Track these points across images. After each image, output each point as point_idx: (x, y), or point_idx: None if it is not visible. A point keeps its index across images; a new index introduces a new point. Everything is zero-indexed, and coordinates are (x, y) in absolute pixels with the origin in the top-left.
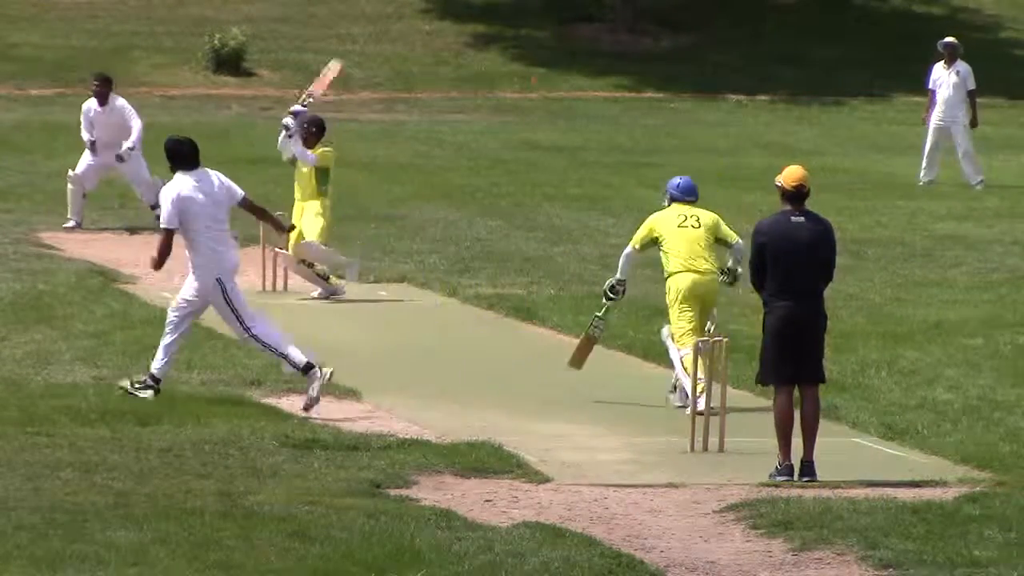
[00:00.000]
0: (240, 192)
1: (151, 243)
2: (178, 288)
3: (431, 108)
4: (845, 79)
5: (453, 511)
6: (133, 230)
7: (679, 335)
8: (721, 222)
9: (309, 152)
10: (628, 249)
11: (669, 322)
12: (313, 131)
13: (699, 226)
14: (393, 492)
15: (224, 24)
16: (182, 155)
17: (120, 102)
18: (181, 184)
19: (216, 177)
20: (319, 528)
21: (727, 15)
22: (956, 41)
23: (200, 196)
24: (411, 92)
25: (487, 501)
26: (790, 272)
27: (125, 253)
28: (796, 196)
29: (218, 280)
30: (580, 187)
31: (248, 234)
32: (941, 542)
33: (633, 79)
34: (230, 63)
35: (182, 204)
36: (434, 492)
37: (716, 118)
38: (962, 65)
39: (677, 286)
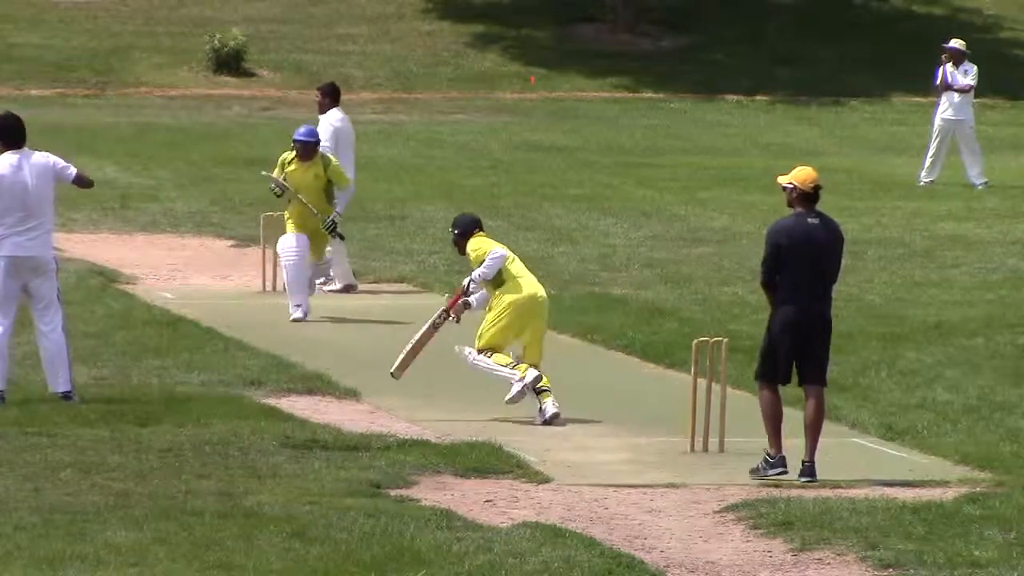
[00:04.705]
0: (71, 172)
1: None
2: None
3: (431, 108)
4: (845, 79)
5: (453, 511)
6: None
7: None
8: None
9: None
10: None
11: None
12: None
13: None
14: (393, 492)
15: (224, 24)
16: (8, 131)
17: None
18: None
19: (39, 161)
20: (319, 528)
21: (727, 15)
22: (962, 48)
23: (7, 176)
24: (411, 92)
25: (487, 501)
26: (807, 274)
27: (125, 253)
28: (813, 197)
29: None
30: (580, 187)
31: (248, 234)
32: (941, 542)
33: (633, 79)
34: (230, 63)
35: None
36: (434, 492)
37: (716, 118)
38: (970, 66)
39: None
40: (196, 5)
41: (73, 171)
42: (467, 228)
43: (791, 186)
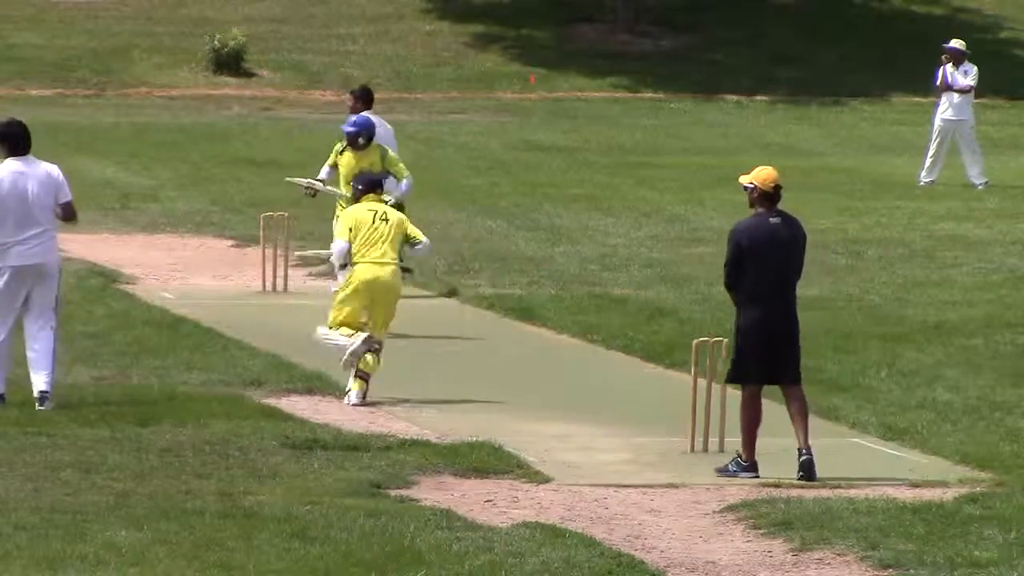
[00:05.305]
0: (67, 198)
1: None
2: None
3: (431, 108)
4: (845, 79)
5: (453, 511)
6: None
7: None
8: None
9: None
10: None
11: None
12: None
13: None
14: (393, 492)
15: (224, 24)
16: (11, 138)
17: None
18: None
19: (43, 170)
20: (319, 528)
21: (727, 15)
22: (962, 48)
23: (6, 184)
24: (411, 92)
25: (487, 501)
26: (770, 273)
27: (125, 253)
28: (774, 197)
29: None
30: (580, 187)
31: (248, 234)
32: (941, 542)
33: (633, 79)
34: (230, 63)
35: None
36: (434, 492)
37: (716, 118)
38: (970, 66)
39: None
40: (196, 5)
41: (69, 198)
42: (368, 188)
43: (752, 186)
